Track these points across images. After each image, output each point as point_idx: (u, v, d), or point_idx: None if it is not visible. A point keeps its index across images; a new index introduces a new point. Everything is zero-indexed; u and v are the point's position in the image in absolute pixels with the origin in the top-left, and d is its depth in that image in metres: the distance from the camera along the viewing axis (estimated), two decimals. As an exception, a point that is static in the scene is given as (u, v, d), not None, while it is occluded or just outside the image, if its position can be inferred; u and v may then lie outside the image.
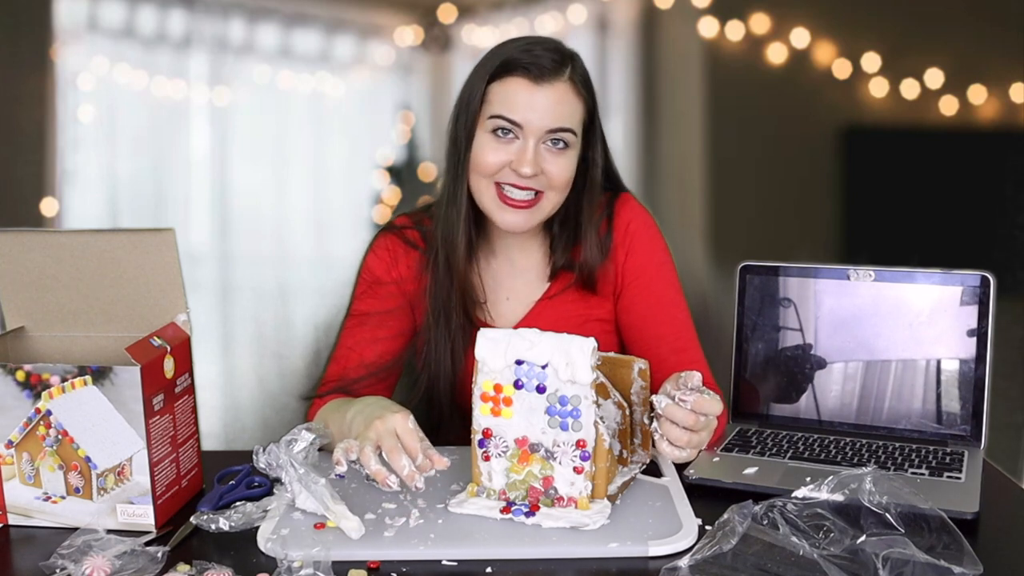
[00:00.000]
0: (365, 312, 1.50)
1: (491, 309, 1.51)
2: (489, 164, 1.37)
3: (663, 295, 1.49)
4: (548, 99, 1.35)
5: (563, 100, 1.36)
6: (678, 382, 1.20)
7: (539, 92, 1.34)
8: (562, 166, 1.38)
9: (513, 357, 1.13)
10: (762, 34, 2.21)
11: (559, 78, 1.35)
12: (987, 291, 1.32)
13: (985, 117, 2.20)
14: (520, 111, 1.35)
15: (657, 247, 1.50)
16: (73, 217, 2.25)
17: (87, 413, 1.13)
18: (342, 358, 1.48)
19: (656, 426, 1.22)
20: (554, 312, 1.49)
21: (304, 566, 0.99)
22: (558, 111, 1.35)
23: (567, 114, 1.36)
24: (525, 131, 1.35)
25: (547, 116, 1.35)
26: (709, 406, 1.18)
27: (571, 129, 1.37)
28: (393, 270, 1.51)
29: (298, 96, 2.27)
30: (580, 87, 1.37)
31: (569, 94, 1.36)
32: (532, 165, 1.35)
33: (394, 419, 1.14)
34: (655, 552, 1.05)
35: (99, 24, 2.21)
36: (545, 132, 1.35)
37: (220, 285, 2.30)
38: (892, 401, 1.36)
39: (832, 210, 2.29)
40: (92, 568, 1.01)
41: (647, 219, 1.51)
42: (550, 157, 1.37)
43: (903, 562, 0.95)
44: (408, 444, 1.13)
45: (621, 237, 1.49)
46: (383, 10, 2.25)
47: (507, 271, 1.52)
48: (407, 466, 1.11)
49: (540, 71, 1.34)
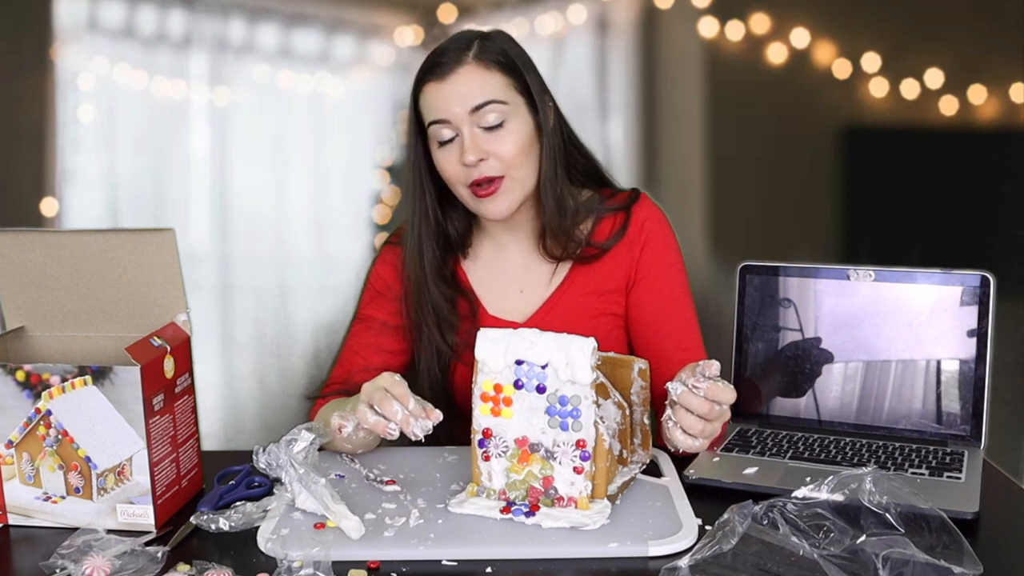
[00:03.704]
0: (371, 317, 1.52)
1: (506, 302, 1.51)
2: (449, 173, 1.42)
3: (673, 294, 1.49)
4: (455, 86, 1.38)
5: (471, 80, 1.38)
6: (695, 370, 1.20)
7: (447, 86, 1.38)
8: (505, 140, 1.39)
9: (513, 357, 1.14)
10: (762, 34, 2.21)
11: (460, 64, 1.39)
12: (987, 291, 1.32)
13: (985, 117, 2.20)
14: (441, 108, 1.39)
15: (671, 246, 1.52)
16: (73, 217, 2.25)
17: (87, 413, 1.13)
18: (347, 361, 1.50)
19: (669, 413, 1.22)
20: (567, 305, 1.50)
21: (304, 566, 0.99)
22: (471, 92, 1.38)
23: (482, 90, 1.38)
24: (454, 124, 1.39)
25: (464, 101, 1.38)
26: (723, 394, 1.18)
27: (492, 100, 1.38)
28: (398, 283, 1.52)
29: (298, 96, 2.27)
30: (489, 62, 1.39)
31: (476, 72, 1.39)
32: (472, 151, 1.38)
33: (380, 378, 1.19)
34: (655, 552, 1.05)
35: (99, 24, 2.21)
36: (470, 115, 1.38)
37: (220, 285, 2.30)
38: (892, 401, 1.36)
39: (832, 210, 2.29)
40: (92, 568, 1.01)
41: (662, 219, 1.53)
42: (489, 138, 1.39)
43: (903, 562, 0.95)
44: (397, 392, 1.16)
45: (637, 232, 1.50)
46: (383, 10, 2.25)
47: (519, 264, 1.52)
48: (399, 411, 1.15)
49: (441, 68, 1.39)
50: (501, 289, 1.52)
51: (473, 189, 1.40)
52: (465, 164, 1.38)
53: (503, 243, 1.52)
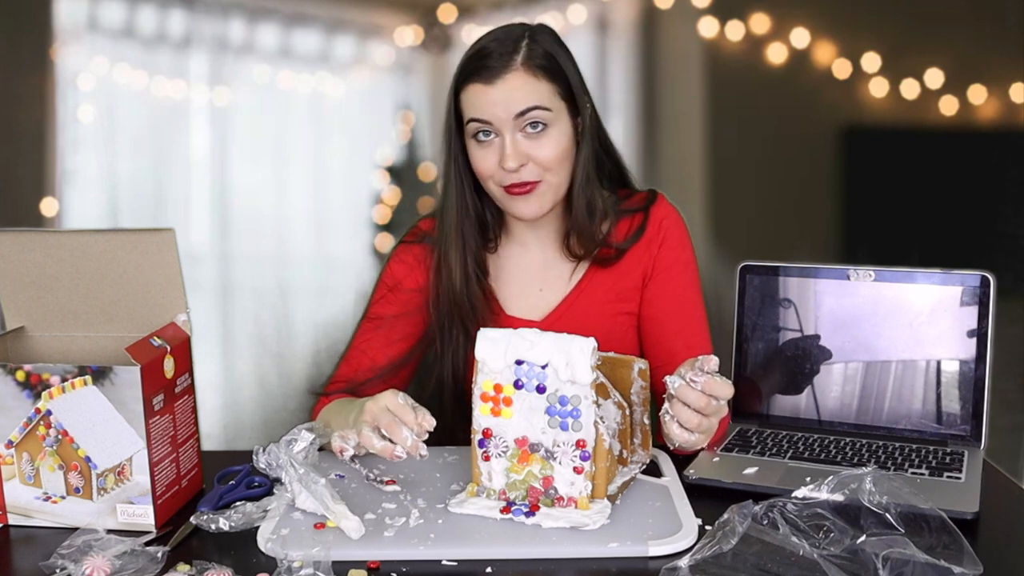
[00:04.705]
0: (381, 316, 1.51)
1: (525, 300, 1.52)
2: (483, 170, 1.41)
3: (685, 293, 1.50)
4: (503, 93, 1.37)
5: (519, 87, 1.38)
6: (694, 365, 1.20)
7: (493, 90, 1.38)
8: (545, 146, 1.39)
9: (513, 357, 1.14)
10: (762, 34, 2.21)
11: (509, 70, 1.38)
12: (987, 291, 1.32)
13: (985, 117, 2.20)
14: (485, 110, 1.38)
15: (686, 246, 1.52)
16: (73, 217, 2.25)
17: (87, 413, 1.13)
18: (354, 360, 1.50)
19: (667, 407, 1.22)
20: (585, 304, 1.50)
21: (304, 566, 0.99)
22: (517, 97, 1.37)
23: (527, 96, 1.38)
24: (496, 127, 1.38)
25: (509, 106, 1.37)
26: (720, 389, 1.18)
27: (539, 106, 1.38)
28: (414, 276, 1.52)
29: (298, 96, 2.27)
30: (536, 69, 1.39)
31: (524, 79, 1.38)
32: (513, 158, 1.37)
33: (384, 397, 1.19)
34: (655, 552, 1.05)
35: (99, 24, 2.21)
36: (513, 120, 1.38)
37: (220, 285, 2.30)
38: (892, 401, 1.36)
39: (832, 210, 2.29)
40: (92, 568, 1.01)
41: (679, 219, 1.53)
42: (531, 143, 1.39)
43: (903, 562, 0.95)
44: (404, 417, 1.16)
45: (655, 230, 1.50)
46: (383, 10, 2.25)
47: (540, 262, 1.52)
48: (409, 437, 1.15)
49: (489, 72, 1.38)
50: (521, 287, 1.52)
51: (506, 187, 1.40)
52: (504, 168, 1.38)
53: (525, 240, 1.52)
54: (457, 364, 1.49)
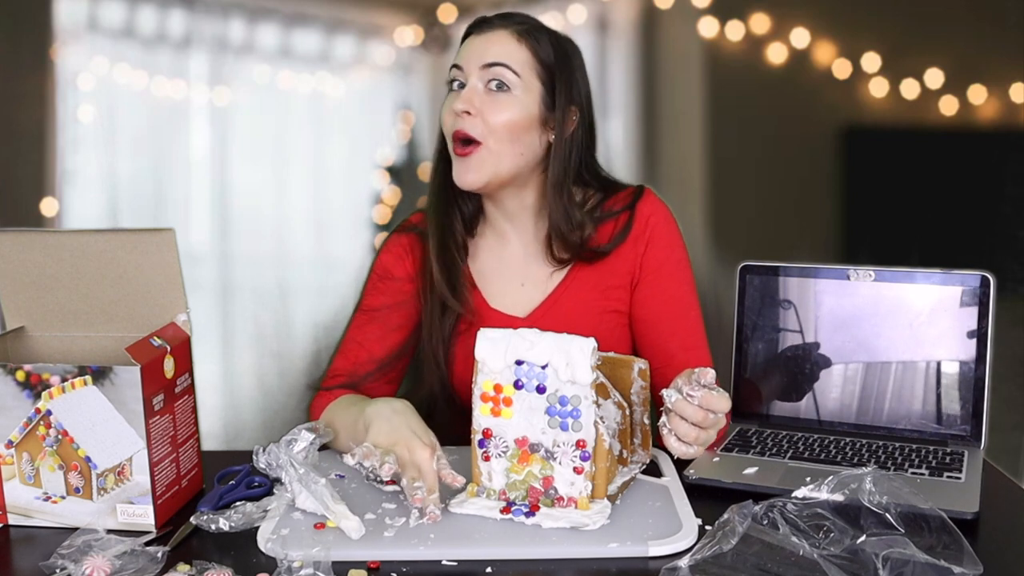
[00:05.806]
0: (374, 307, 1.51)
1: (507, 296, 1.51)
2: (444, 117, 1.44)
3: (678, 293, 1.49)
4: (483, 40, 1.42)
5: (498, 41, 1.41)
6: (690, 378, 1.20)
7: (476, 39, 1.43)
8: (500, 110, 1.40)
9: (513, 357, 1.14)
10: (762, 34, 2.21)
11: (496, 28, 1.43)
12: (987, 291, 1.32)
13: (985, 117, 2.20)
14: (462, 56, 1.43)
15: (676, 244, 1.51)
16: (73, 217, 2.25)
17: (87, 413, 1.13)
18: (351, 352, 1.49)
19: (665, 420, 1.22)
20: (570, 302, 1.49)
21: (304, 566, 0.99)
22: (490, 50, 1.41)
23: (500, 52, 1.41)
24: (464, 72, 1.42)
25: (482, 55, 1.41)
26: (717, 403, 1.18)
27: (506, 65, 1.40)
28: (403, 266, 1.52)
29: (298, 96, 2.27)
30: (521, 34, 1.42)
31: (506, 37, 1.41)
32: (465, 101, 1.40)
33: (421, 455, 1.16)
34: (655, 552, 1.05)
35: (99, 24, 2.21)
36: (479, 69, 1.40)
37: (220, 285, 2.30)
38: (892, 401, 1.36)
39: (832, 210, 2.29)
40: (92, 568, 1.01)
41: (667, 215, 1.51)
42: (488, 99, 1.40)
43: (903, 562, 0.95)
44: (427, 483, 1.15)
45: (641, 229, 1.49)
46: (383, 10, 2.25)
47: (520, 256, 1.52)
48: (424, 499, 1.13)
49: (480, 27, 1.44)
50: (502, 282, 1.52)
51: (455, 147, 1.42)
52: (454, 110, 1.40)
53: (503, 231, 1.52)
54: (439, 359, 1.48)
